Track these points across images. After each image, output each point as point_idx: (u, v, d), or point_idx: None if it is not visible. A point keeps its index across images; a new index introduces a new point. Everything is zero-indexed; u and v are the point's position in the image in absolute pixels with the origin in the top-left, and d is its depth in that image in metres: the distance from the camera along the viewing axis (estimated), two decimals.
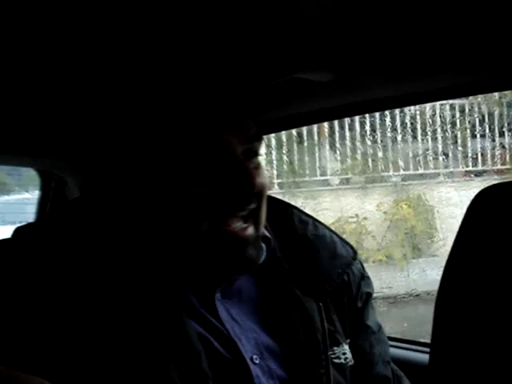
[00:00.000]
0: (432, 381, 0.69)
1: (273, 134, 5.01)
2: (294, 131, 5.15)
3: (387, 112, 5.43)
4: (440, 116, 5.71)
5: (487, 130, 5.80)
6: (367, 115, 5.25)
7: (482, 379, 0.61)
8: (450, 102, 5.63)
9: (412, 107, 5.54)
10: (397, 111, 5.47)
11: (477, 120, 5.78)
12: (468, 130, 5.79)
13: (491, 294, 0.62)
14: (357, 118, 5.35)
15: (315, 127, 5.25)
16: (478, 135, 5.78)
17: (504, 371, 0.60)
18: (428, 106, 5.62)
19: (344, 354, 0.86)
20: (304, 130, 5.25)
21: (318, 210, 4.88)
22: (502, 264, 0.62)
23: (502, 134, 5.79)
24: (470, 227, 0.68)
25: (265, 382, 0.79)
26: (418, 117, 5.65)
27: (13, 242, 0.84)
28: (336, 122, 5.31)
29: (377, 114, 5.37)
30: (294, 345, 0.84)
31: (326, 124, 5.23)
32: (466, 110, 5.77)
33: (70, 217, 0.87)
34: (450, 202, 5.14)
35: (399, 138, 5.56)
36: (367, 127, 5.46)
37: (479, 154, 5.77)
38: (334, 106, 1.22)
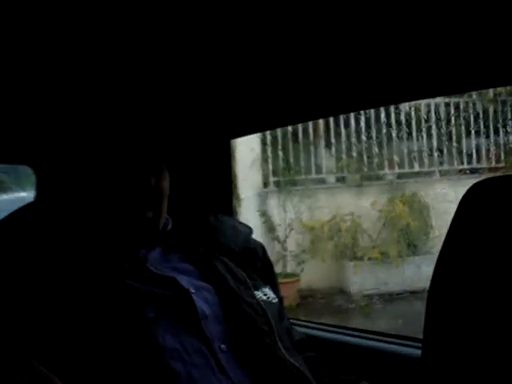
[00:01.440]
0: (424, 374, 0.69)
1: (268, 133, 5.02)
2: (289, 130, 5.16)
3: (382, 110, 5.45)
4: (435, 114, 5.73)
5: (482, 128, 5.82)
6: (362, 113, 5.27)
7: (473, 372, 0.62)
8: (446, 99, 5.66)
9: (407, 105, 5.57)
10: (392, 110, 5.49)
11: (471, 118, 5.81)
12: (463, 128, 5.81)
13: (482, 288, 0.62)
14: (352, 116, 5.37)
15: (310, 126, 5.26)
16: (473, 133, 5.81)
17: (495, 364, 0.60)
18: (423, 103, 5.64)
19: (265, 294, 1.06)
20: (299, 128, 5.25)
21: (313, 208, 4.90)
22: (494, 257, 0.62)
23: (496, 132, 5.82)
24: (461, 221, 0.68)
25: (203, 305, 0.96)
26: (413, 114, 5.67)
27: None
28: (331, 120, 5.32)
29: (372, 114, 5.39)
30: (224, 285, 1.02)
31: (321, 122, 5.24)
32: (461, 108, 5.79)
33: (39, 216, 1.05)
34: (445, 199, 5.15)
35: (394, 136, 5.58)
36: (362, 125, 5.48)
37: (474, 152, 5.79)
38: (330, 103, 1.22)
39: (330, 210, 4.84)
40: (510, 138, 5.83)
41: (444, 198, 5.16)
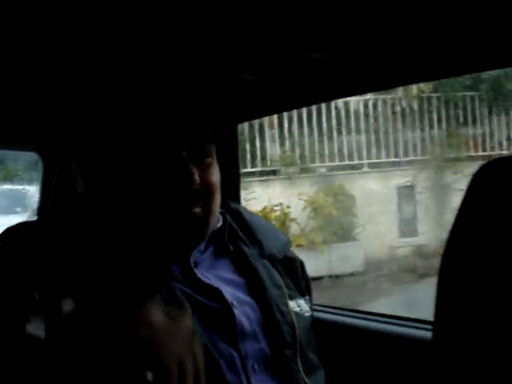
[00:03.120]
0: (435, 358, 0.68)
1: None
2: None
3: (313, 107, 5.73)
4: (364, 110, 6.06)
5: (408, 123, 6.18)
6: (294, 110, 5.54)
7: (486, 357, 0.61)
8: (375, 96, 6.00)
9: (338, 102, 5.87)
10: (323, 107, 5.78)
11: (399, 115, 6.17)
12: (391, 123, 6.15)
13: (494, 271, 0.61)
14: (285, 113, 5.63)
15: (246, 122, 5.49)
16: (400, 128, 6.16)
17: (508, 348, 0.59)
18: (352, 100, 5.97)
19: (299, 306, 1.03)
20: None
21: (247, 200, 5.17)
22: (506, 239, 0.61)
23: (422, 127, 6.19)
24: (471, 202, 0.66)
25: (244, 322, 0.93)
26: (343, 111, 6.00)
27: (3, 246, 0.90)
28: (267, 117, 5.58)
29: (304, 110, 5.67)
30: (262, 294, 0.99)
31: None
32: (388, 104, 6.14)
33: (64, 217, 0.98)
34: (370, 191, 5.51)
35: (324, 131, 5.90)
36: (294, 122, 5.78)
37: (401, 146, 6.14)
38: (337, 85, 1.20)
39: (262, 201, 5.11)
40: (435, 132, 6.21)
41: (368, 191, 5.52)
